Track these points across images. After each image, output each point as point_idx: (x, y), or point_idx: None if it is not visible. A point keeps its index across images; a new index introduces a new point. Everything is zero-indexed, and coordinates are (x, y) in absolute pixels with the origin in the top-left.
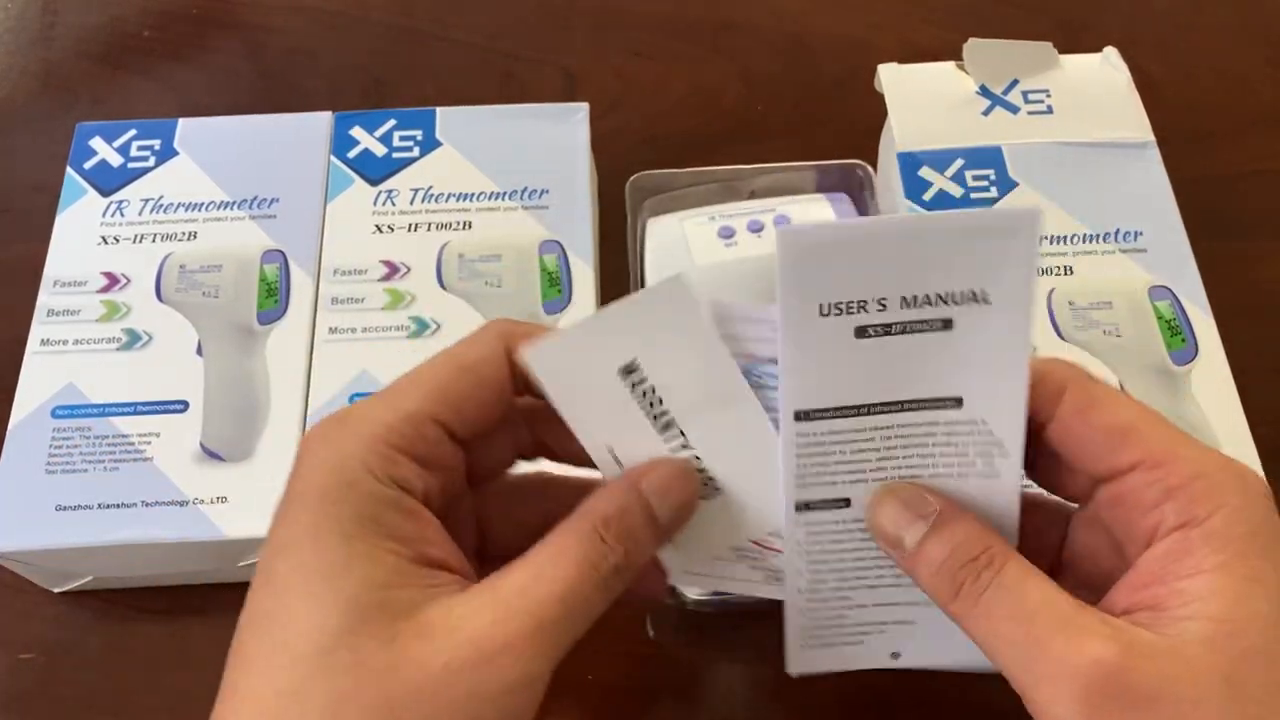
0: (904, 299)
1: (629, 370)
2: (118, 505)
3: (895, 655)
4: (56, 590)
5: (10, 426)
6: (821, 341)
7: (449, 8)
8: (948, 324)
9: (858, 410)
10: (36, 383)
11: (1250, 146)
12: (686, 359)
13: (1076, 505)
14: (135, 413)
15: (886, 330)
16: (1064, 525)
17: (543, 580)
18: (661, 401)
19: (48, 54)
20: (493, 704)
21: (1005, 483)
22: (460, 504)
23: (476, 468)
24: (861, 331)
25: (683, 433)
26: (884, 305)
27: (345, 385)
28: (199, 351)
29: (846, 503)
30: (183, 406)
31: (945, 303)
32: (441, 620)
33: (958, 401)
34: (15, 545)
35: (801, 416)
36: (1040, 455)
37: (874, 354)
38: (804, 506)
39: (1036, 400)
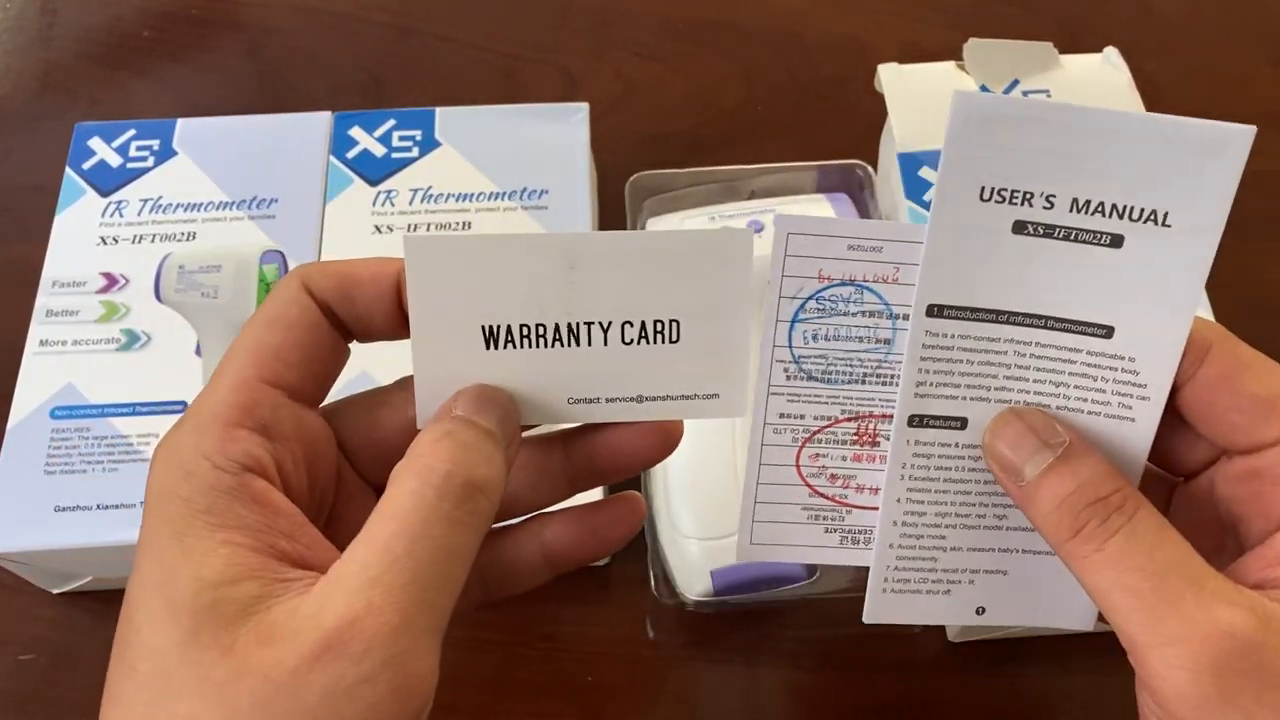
0: (1075, 201)
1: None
2: (117, 506)
3: (980, 611)
4: (56, 591)
5: (9, 427)
6: (975, 228)
7: (449, 8)
8: (1117, 241)
9: (996, 316)
10: (35, 383)
11: (1250, 146)
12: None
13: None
14: (134, 413)
15: (1049, 232)
16: (1167, 497)
17: (379, 542)
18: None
19: (47, 54)
20: (353, 700)
21: (1139, 429)
22: (356, 507)
23: (362, 453)
24: (1020, 227)
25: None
26: (1051, 203)
27: (345, 385)
28: (198, 352)
29: (963, 424)
30: (182, 407)
31: (1120, 216)
32: (286, 620)
33: (1108, 331)
34: (14, 546)
35: (934, 311)
36: (1165, 421)
37: (1029, 256)
38: (917, 421)
39: None
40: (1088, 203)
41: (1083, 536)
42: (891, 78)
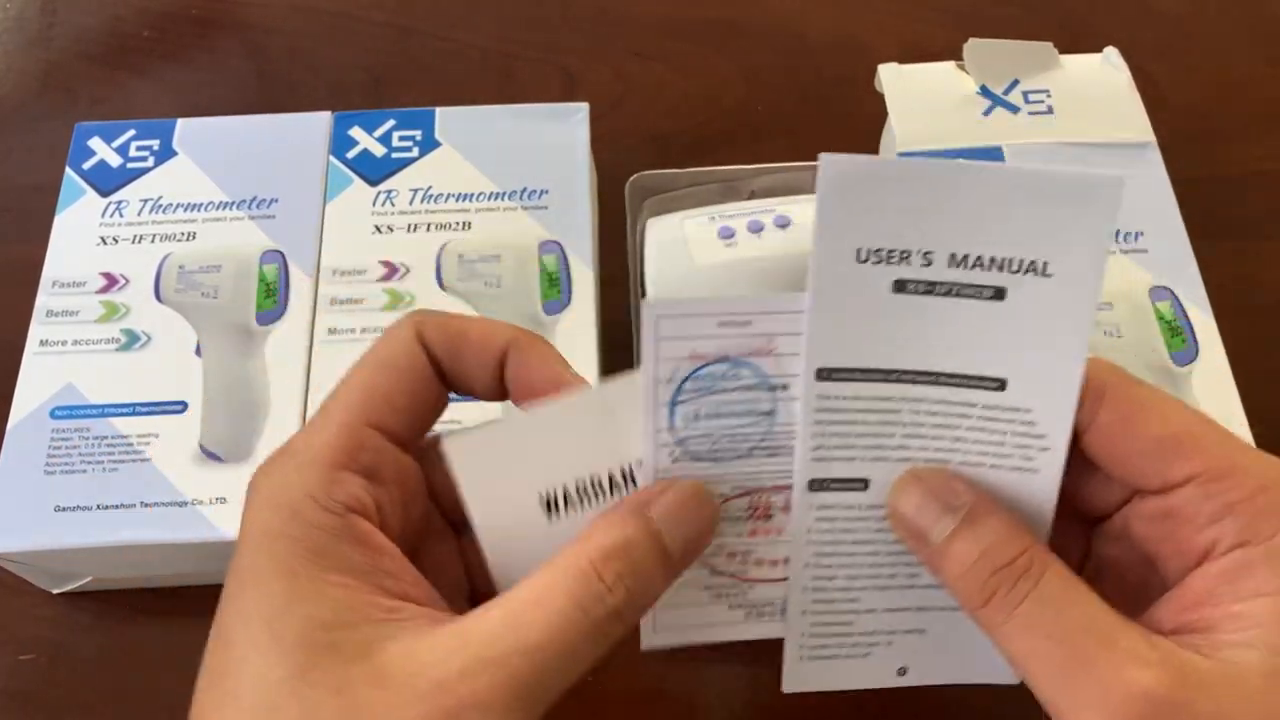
0: (953, 256)
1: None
2: (117, 506)
3: (902, 671)
4: (56, 591)
5: (9, 427)
6: (855, 290)
7: (449, 8)
8: (1000, 294)
9: (886, 375)
10: (35, 383)
11: (1250, 146)
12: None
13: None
14: (134, 413)
15: (930, 289)
16: (1086, 538)
17: (521, 627)
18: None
19: (47, 54)
20: None
21: (1043, 481)
22: (434, 540)
23: (447, 492)
24: (900, 286)
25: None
26: (929, 260)
27: None
28: (198, 352)
29: (864, 484)
30: (181, 407)
31: (1000, 269)
32: (401, 664)
33: (1000, 383)
34: (14, 546)
35: (824, 375)
36: (1070, 463)
37: (912, 314)
38: (818, 485)
39: None
40: (965, 257)
41: (993, 605)
42: (891, 78)
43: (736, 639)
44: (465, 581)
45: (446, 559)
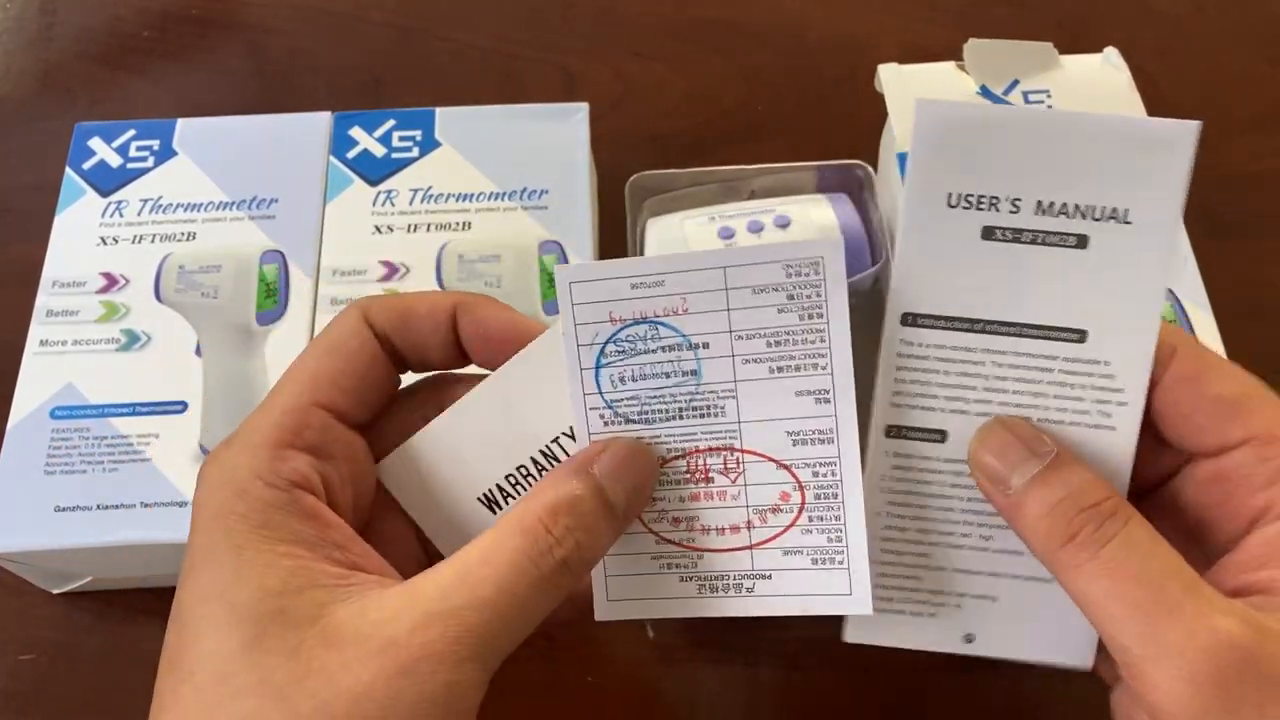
0: (1040, 204)
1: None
2: (117, 506)
3: (969, 639)
4: (55, 591)
5: (9, 427)
6: (944, 236)
7: (449, 8)
8: (1083, 241)
9: (971, 325)
10: (35, 383)
11: (1250, 146)
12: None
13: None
14: (134, 413)
15: (1016, 236)
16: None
17: (470, 580)
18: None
19: (47, 54)
20: (411, 713)
21: (1120, 437)
22: (387, 515)
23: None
24: (989, 232)
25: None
26: (1017, 207)
27: None
28: (198, 352)
29: (943, 436)
30: (182, 407)
31: (1084, 216)
32: (352, 624)
33: (1081, 335)
34: (14, 546)
35: (909, 320)
36: None
37: (999, 261)
38: (894, 432)
39: None
40: (1051, 204)
41: (1076, 544)
42: (891, 78)
43: (692, 615)
44: (420, 552)
45: (399, 531)
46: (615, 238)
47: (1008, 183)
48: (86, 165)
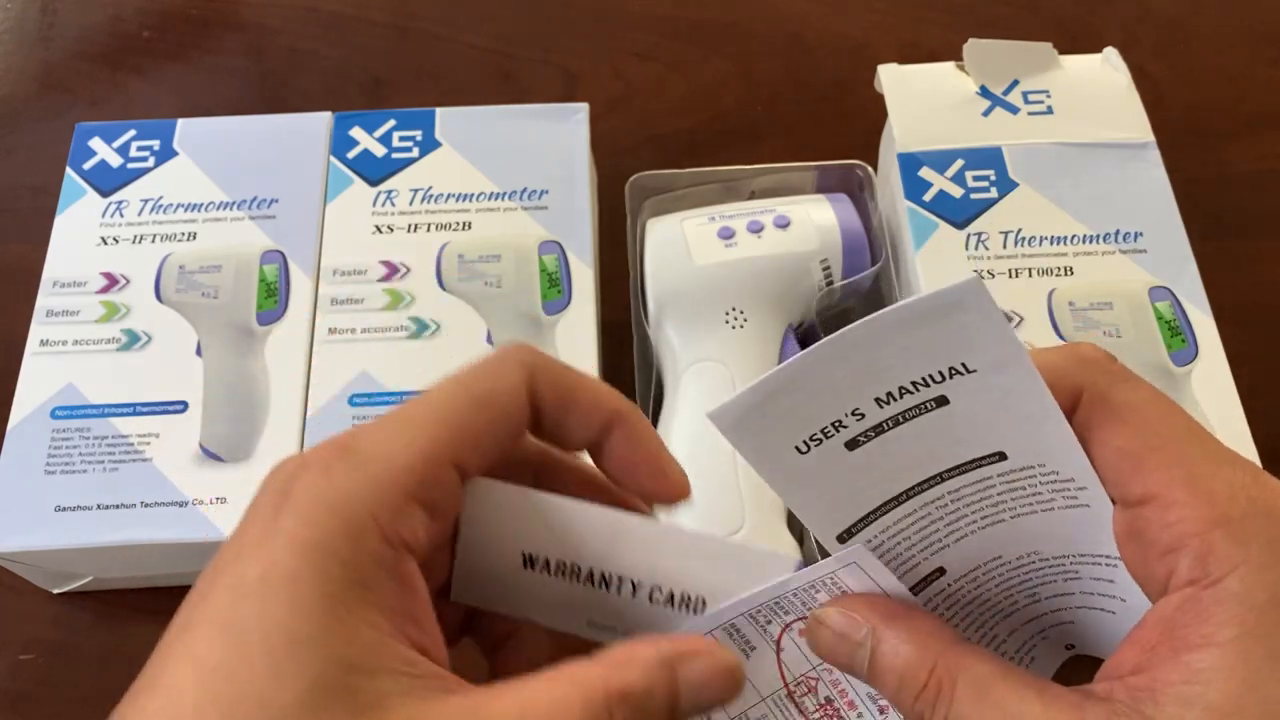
0: (879, 400)
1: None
2: (117, 506)
3: None
4: (56, 591)
5: (9, 427)
6: (815, 474)
7: (449, 8)
8: (941, 401)
9: (898, 501)
10: (36, 383)
11: (1250, 146)
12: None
13: None
14: (135, 413)
15: (879, 430)
16: None
17: None
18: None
19: (47, 54)
20: None
21: (1096, 512)
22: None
23: None
24: (853, 444)
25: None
26: (861, 415)
27: (345, 386)
28: (198, 352)
29: (941, 571)
30: (182, 407)
31: (927, 384)
32: None
33: (1000, 455)
34: (15, 546)
35: (844, 537)
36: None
37: (880, 453)
38: (916, 589)
39: None
40: (889, 394)
41: None
42: (891, 78)
43: None
44: (461, 620)
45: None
46: (615, 238)
47: (834, 407)
48: (87, 165)
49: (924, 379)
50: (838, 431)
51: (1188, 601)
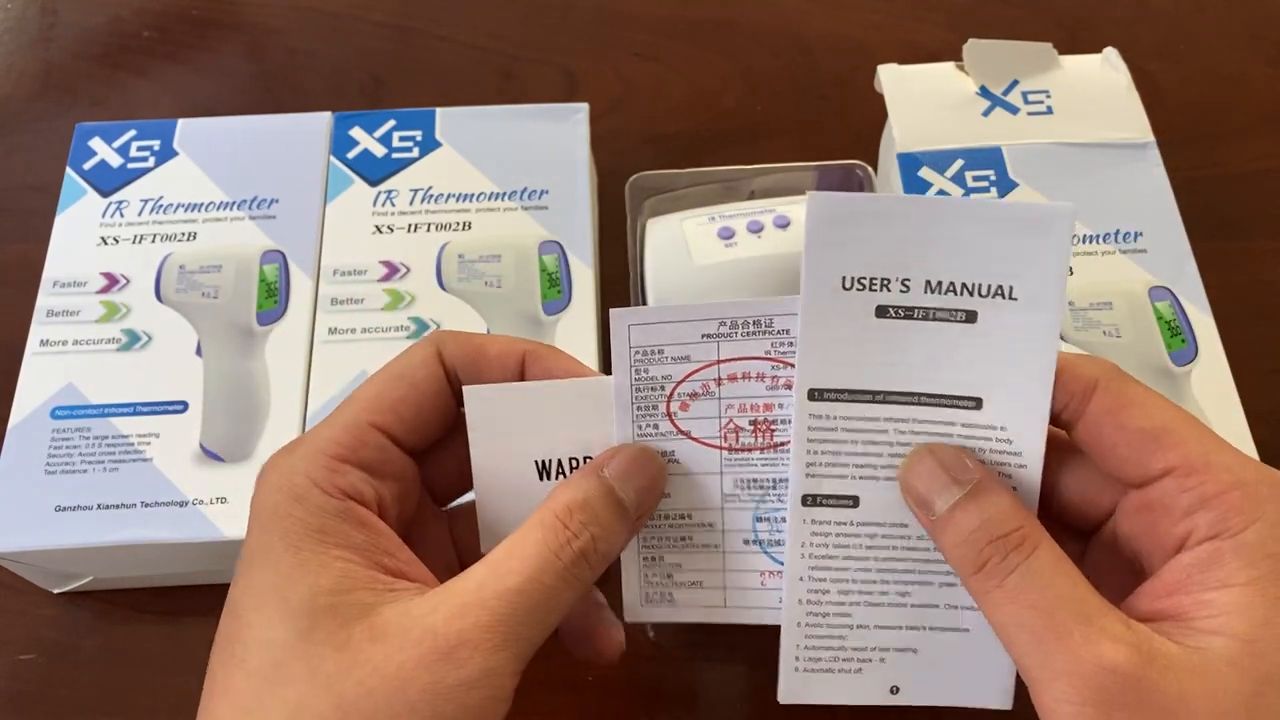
0: (929, 283)
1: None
2: (117, 506)
3: (894, 690)
4: (56, 591)
5: (9, 427)
6: (841, 316)
7: (449, 8)
8: (971, 316)
9: (873, 397)
10: (36, 383)
11: (1250, 146)
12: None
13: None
14: (135, 413)
15: (908, 313)
16: (1082, 544)
17: (500, 573)
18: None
19: (47, 54)
20: (451, 700)
21: (1023, 495)
22: (429, 526)
23: (440, 486)
24: (882, 311)
25: None
26: (907, 287)
27: (345, 386)
28: (198, 352)
29: (855, 502)
30: (182, 407)
31: (971, 293)
32: (397, 621)
33: (977, 402)
34: (15, 545)
35: (815, 395)
36: (1068, 458)
37: (894, 337)
38: (811, 501)
39: (1065, 398)
40: (939, 283)
41: (985, 571)
42: (891, 78)
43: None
44: (456, 564)
45: (439, 543)
46: (615, 238)
47: (896, 265)
48: (87, 165)
49: (974, 285)
50: (881, 290)
51: (1208, 553)
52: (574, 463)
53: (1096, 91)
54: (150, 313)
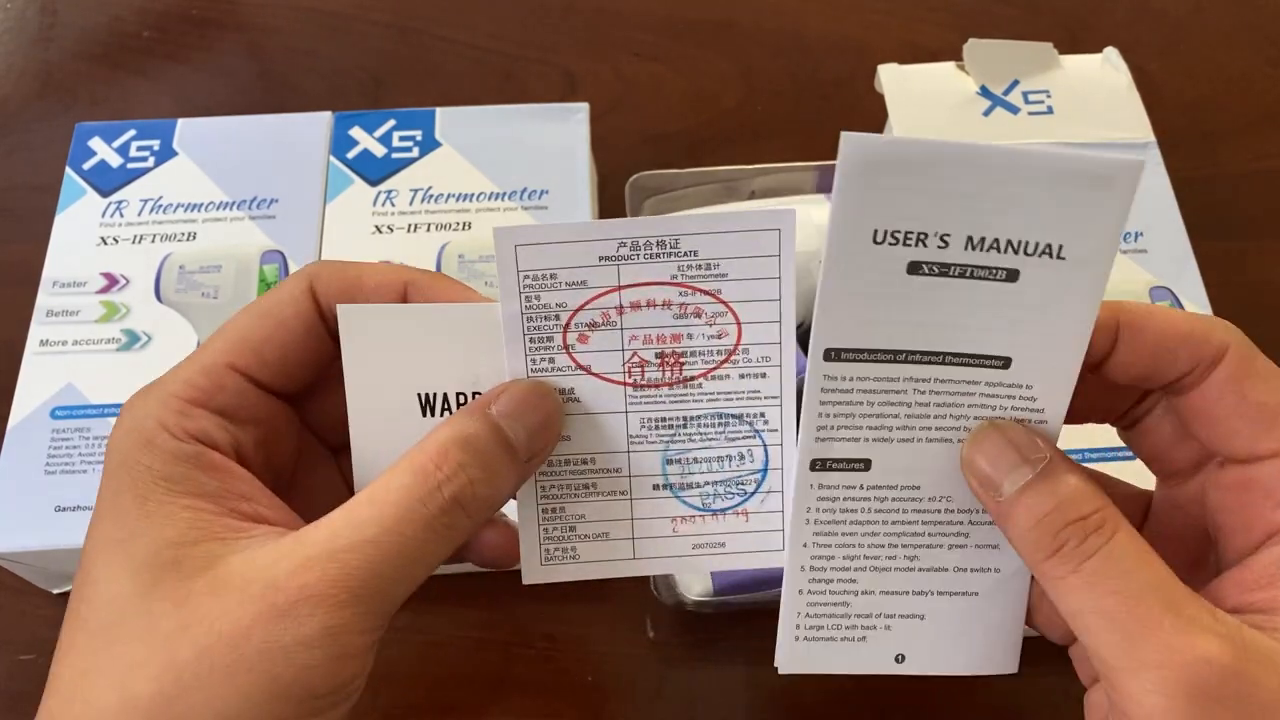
0: (970, 240)
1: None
2: None
3: (900, 659)
4: (55, 591)
5: (9, 427)
6: (869, 272)
7: (449, 7)
8: (1013, 275)
9: (894, 356)
10: (35, 383)
11: (1250, 146)
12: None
13: (1152, 489)
14: None
15: (944, 271)
16: (1142, 510)
17: (355, 522)
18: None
19: (47, 54)
20: (288, 660)
21: None
22: (317, 472)
23: (327, 429)
24: (915, 267)
25: None
26: (946, 242)
27: None
28: None
29: (866, 465)
30: None
31: (1015, 251)
32: (240, 572)
33: (1005, 362)
34: (14, 546)
35: (831, 356)
36: (1159, 417)
37: (924, 295)
38: (819, 465)
39: (1192, 361)
40: (982, 240)
41: (1060, 557)
42: (891, 78)
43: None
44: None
45: (329, 490)
46: None
47: (936, 219)
48: (86, 165)
49: (1020, 242)
50: (916, 246)
51: None
52: (461, 398)
53: (1097, 91)
54: (150, 313)
